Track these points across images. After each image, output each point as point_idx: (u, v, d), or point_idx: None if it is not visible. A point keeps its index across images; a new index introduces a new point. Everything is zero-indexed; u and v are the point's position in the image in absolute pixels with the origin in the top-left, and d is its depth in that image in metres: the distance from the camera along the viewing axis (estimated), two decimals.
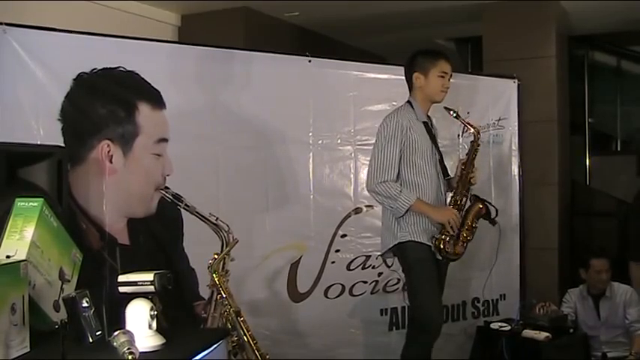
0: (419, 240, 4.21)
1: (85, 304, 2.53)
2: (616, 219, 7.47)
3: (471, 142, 4.49)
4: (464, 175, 4.38)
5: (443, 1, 6.74)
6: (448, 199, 4.42)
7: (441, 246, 4.21)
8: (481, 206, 4.41)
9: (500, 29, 6.78)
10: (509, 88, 6.13)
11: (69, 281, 2.78)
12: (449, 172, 4.47)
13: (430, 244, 4.22)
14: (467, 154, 4.48)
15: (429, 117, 4.46)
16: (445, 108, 4.42)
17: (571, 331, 5.37)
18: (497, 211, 4.69)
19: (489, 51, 6.85)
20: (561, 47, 6.93)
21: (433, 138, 4.39)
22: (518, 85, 6.16)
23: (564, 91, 7.10)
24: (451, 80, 4.40)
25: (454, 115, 4.41)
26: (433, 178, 4.31)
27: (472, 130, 4.50)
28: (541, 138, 6.47)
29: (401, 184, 4.22)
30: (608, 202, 7.82)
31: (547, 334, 5.14)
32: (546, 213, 6.51)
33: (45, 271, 2.60)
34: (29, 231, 2.57)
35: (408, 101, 4.40)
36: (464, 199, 4.37)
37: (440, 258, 4.27)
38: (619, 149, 9.01)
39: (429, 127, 4.39)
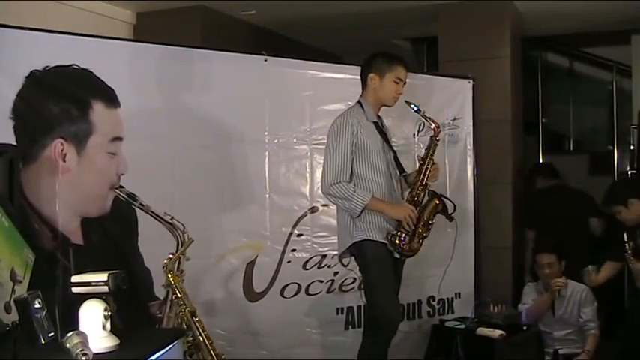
0: (375, 238, 4.22)
1: (37, 305, 2.51)
2: None
3: (431, 136, 4.50)
4: (422, 170, 4.40)
5: (399, 1, 6.77)
6: (405, 196, 4.44)
7: (397, 242, 4.23)
8: (437, 202, 4.43)
9: (455, 30, 6.85)
10: (464, 88, 6.17)
11: (21, 282, 2.75)
12: (404, 170, 4.49)
13: (386, 241, 4.24)
14: (425, 150, 4.49)
15: (379, 117, 4.48)
16: (406, 102, 4.43)
17: (525, 328, 5.43)
18: (455, 206, 4.73)
19: (445, 51, 6.91)
20: (515, 48, 7.02)
21: (385, 137, 4.40)
22: (473, 85, 6.20)
23: (518, 92, 7.18)
24: (405, 86, 4.41)
25: (415, 108, 4.42)
26: (386, 178, 4.33)
27: (432, 125, 4.48)
28: (495, 138, 6.54)
29: (355, 184, 4.23)
30: None
31: (501, 331, 5.20)
32: (501, 212, 6.59)
33: None
34: None
35: (359, 101, 4.42)
36: (422, 196, 4.39)
37: (397, 256, 4.29)
38: (571, 149, 9.15)
39: (379, 127, 4.40)
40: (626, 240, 4.96)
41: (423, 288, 5.74)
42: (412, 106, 4.42)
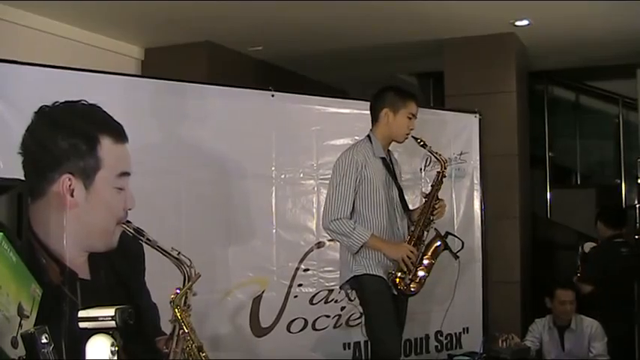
0: (374, 273, 4.16)
1: (44, 341, 2.50)
2: (576, 252, 7.55)
3: (437, 172, 4.44)
4: (426, 207, 4.34)
5: (404, 36, 6.82)
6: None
7: (397, 282, 4.19)
8: (439, 243, 4.36)
9: (461, 64, 6.88)
10: (470, 122, 6.20)
11: (28, 317, 2.74)
12: (409, 206, 4.44)
13: (385, 277, 4.19)
14: (431, 185, 4.43)
15: (388, 152, 4.45)
16: (413, 137, 4.37)
17: None
18: (463, 243, 4.70)
19: (451, 86, 6.93)
20: (521, 82, 7.05)
21: (392, 173, 4.36)
22: (480, 119, 6.24)
23: (525, 126, 7.20)
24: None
25: (421, 143, 4.37)
26: (388, 214, 4.26)
27: (439, 159, 4.43)
28: (502, 172, 6.54)
29: (355, 220, 4.21)
30: (568, 235, 7.91)
31: None
32: (508, 246, 6.57)
33: (3, 307, 2.56)
34: None
35: (368, 135, 4.39)
36: (425, 233, 4.33)
37: (395, 293, 4.25)
38: (579, 182, 9.15)
39: (386, 162, 4.36)
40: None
41: (431, 323, 5.71)
42: (419, 140, 4.39)
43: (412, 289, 4.25)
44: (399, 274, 4.18)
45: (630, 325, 6.17)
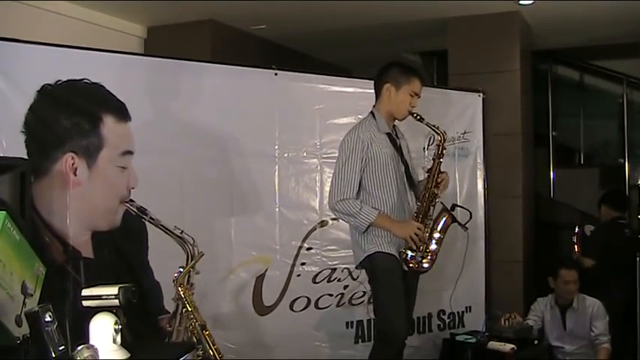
0: (386, 251, 4.16)
1: (47, 319, 2.50)
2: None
3: (437, 144, 4.39)
4: (429, 181, 4.32)
5: (408, 15, 6.78)
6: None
7: (408, 260, 4.20)
8: (446, 217, 4.37)
9: (465, 43, 6.85)
10: (474, 101, 6.18)
11: (32, 295, 2.74)
12: (414, 182, 4.42)
13: (397, 255, 4.20)
14: (432, 159, 4.41)
15: (394, 127, 4.44)
16: (408, 112, 4.32)
17: (536, 342, 5.41)
18: (470, 214, 4.69)
19: (455, 65, 6.91)
20: (525, 61, 7.01)
21: (398, 149, 4.35)
22: (483, 98, 6.22)
23: (528, 105, 7.17)
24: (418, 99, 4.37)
25: (417, 117, 4.31)
26: (398, 190, 4.25)
27: (437, 132, 4.37)
28: (506, 151, 6.52)
29: (362, 200, 4.19)
30: (571, 215, 7.90)
31: (512, 345, 5.17)
32: (511, 225, 6.57)
33: (7, 285, 2.56)
34: None
35: (371, 112, 4.37)
36: (431, 208, 4.32)
37: (407, 269, 4.25)
38: (582, 162, 9.12)
39: (392, 137, 4.34)
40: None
41: (434, 302, 5.72)
42: (414, 115, 4.31)
43: (425, 266, 4.25)
44: (409, 252, 4.18)
45: (629, 302, 6.23)
